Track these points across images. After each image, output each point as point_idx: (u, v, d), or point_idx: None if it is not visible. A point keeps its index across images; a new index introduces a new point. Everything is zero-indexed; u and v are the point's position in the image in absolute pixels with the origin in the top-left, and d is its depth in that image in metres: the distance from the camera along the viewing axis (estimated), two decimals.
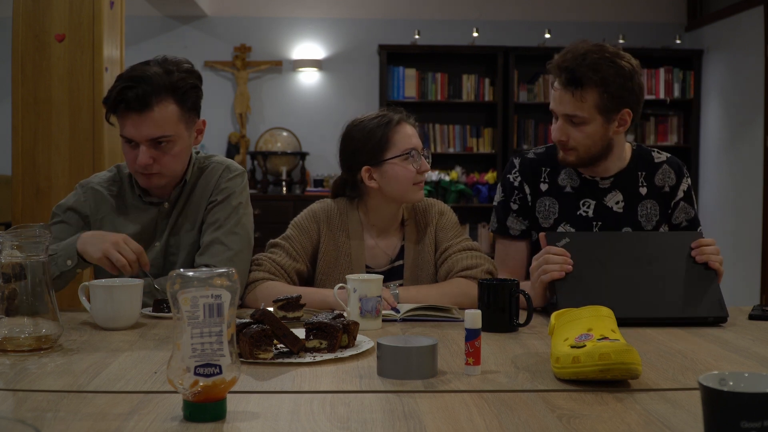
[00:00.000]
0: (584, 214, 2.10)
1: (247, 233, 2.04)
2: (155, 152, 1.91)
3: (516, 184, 2.15)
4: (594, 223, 2.10)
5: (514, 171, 2.16)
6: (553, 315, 1.43)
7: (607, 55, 1.96)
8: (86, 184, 2.08)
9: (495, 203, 2.21)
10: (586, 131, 2.00)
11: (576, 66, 1.94)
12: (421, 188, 2.10)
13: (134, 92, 1.85)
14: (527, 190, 2.14)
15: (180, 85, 1.90)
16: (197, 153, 2.11)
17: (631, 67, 1.98)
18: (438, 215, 2.16)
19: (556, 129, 2.03)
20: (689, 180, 2.18)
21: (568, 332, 1.35)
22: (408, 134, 2.10)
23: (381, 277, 1.77)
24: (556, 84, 2.00)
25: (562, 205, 2.11)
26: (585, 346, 1.28)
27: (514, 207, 2.15)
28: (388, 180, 2.07)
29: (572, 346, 1.29)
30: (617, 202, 2.11)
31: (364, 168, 2.08)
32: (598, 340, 1.30)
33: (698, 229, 2.12)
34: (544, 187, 2.13)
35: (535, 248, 2.09)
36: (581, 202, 2.11)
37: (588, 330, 1.34)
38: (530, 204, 2.14)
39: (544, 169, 2.14)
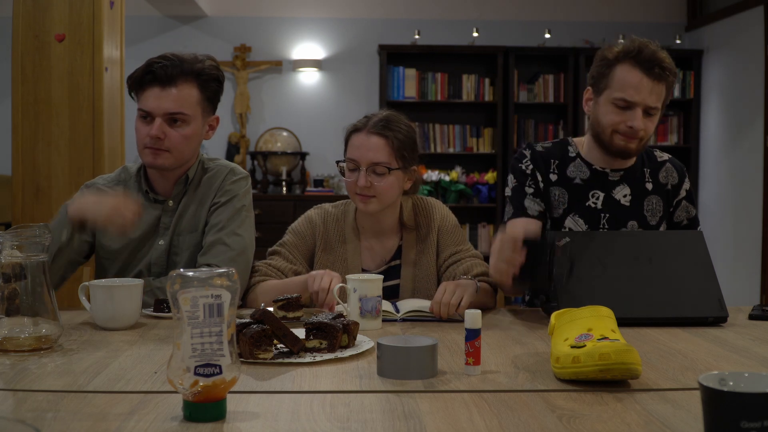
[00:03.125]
0: (593, 205, 2.12)
1: (249, 235, 2.07)
2: (168, 128, 1.97)
3: (528, 171, 2.15)
4: (602, 214, 2.11)
5: (525, 160, 2.16)
6: (553, 315, 1.43)
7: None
8: (92, 185, 2.12)
9: (508, 192, 2.18)
10: (655, 122, 2.06)
11: (663, 57, 2.03)
12: (363, 200, 2.06)
13: (163, 67, 1.95)
14: (539, 177, 2.14)
15: (205, 73, 1.99)
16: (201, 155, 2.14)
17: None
18: (440, 218, 2.17)
19: (639, 120, 2.02)
20: (689, 181, 2.22)
21: (568, 332, 1.35)
22: (355, 145, 2.07)
23: (381, 277, 1.77)
24: (638, 74, 2.01)
25: (571, 195, 2.12)
26: (585, 346, 1.28)
27: (530, 191, 2.14)
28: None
29: (572, 346, 1.29)
30: (624, 196, 2.13)
31: (340, 161, 2.16)
32: (598, 340, 1.30)
33: (698, 228, 2.16)
34: (553, 177, 2.14)
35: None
36: (591, 194, 2.13)
37: (588, 330, 1.34)
38: (542, 191, 2.14)
39: (552, 161, 2.15)
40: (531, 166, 2.15)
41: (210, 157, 2.17)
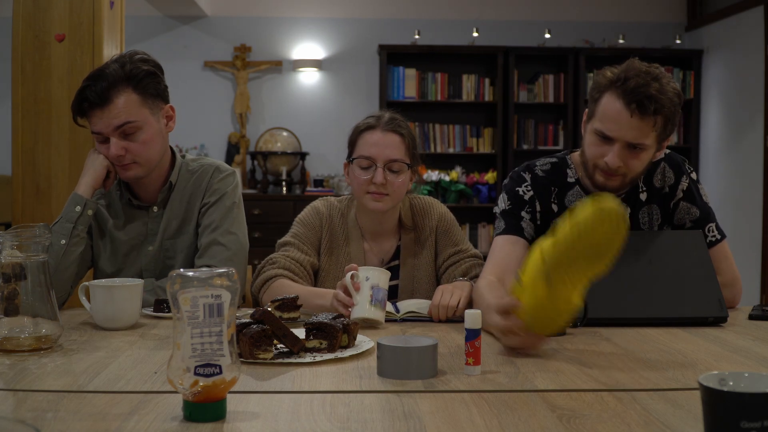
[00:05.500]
0: None
1: (243, 232, 2.08)
2: (125, 142, 1.95)
3: (527, 198, 2.02)
4: None
5: (525, 185, 2.03)
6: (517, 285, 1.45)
7: (666, 80, 1.84)
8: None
9: (499, 211, 2.06)
10: (642, 158, 1.86)
11: (655, 92, 1.77)
12: (376, 198, 2.05)
13: (93, 90, 1.92)
14: (538, 207, 2.02)
15: (135, 74, 1.95)
16: (183, 156, 2.14)
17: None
18: (438, 217, 2.16)
19: (614, 156, 1.83)
20: (692, 176, 2.05)
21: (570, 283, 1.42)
22: (370, 142, 2.06)
23: (389, 273, 1.80)
24: (619, 106, 1.80)
25: None
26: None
27: (527, 216, 2.02)
28: (350, 181, 2.12)
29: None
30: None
31: (345, 162, 2.15)
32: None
33: (708, 227, 2.01)
34: (555, 207, 2.03)
35: None
36: None
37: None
38: (538, 222, 2.02)
39: (553, 188, 2.03)
40: (531, 193, 2.02)
41: (192, 157, 2.15)
